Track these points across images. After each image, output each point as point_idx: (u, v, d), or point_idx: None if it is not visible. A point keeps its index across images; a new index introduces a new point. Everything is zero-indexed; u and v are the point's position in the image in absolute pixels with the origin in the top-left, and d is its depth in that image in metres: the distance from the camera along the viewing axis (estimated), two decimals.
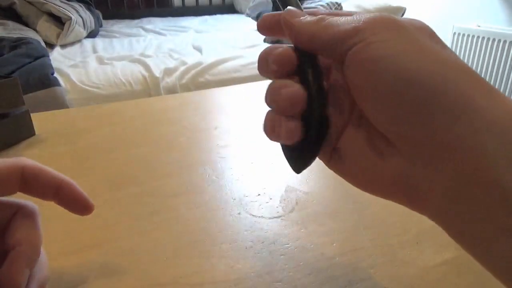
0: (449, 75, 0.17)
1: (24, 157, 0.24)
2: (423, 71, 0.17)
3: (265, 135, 0.23)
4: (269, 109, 0.23)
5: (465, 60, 1.79)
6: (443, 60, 0.17)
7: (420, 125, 0.17)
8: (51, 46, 1.81)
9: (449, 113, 0.16)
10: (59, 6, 1.87)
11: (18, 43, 1.49)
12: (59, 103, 1.22)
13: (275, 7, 0.24)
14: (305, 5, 1.90)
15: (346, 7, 1.83)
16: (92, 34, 2.11)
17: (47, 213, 0.28)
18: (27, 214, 0.24)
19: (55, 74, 1.33)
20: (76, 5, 2.07)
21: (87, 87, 1.34)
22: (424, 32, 0.19)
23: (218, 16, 2.84)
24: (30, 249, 0.22)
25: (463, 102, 0.16)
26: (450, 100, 0.16)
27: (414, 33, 0.18)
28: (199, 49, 1.76)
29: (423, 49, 0.18)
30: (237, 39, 1.97)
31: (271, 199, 0.37)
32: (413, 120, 0.17)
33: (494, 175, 0.15)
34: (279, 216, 0.35)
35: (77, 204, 0.25)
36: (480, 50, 1.71)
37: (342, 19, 0.20)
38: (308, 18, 0.21)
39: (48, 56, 1.48)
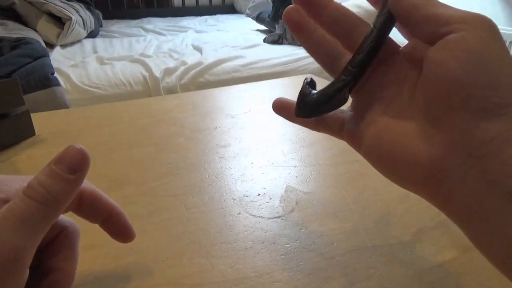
0: None
1: (85, 181, 0.24)
2: (510, 77, 0.18)
3: (265, 135, 0.23)
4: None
5: None
6: None
7: (483, 120, 0.17)
8: (51, 46, 1.81)
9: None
10: (59, 6, 1.87)
11: (18, 43, 1.49)
12: (59, 103, 1.22)
13: (275, 7, 0.25)
14: None
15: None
16: (92, 34, 2.11)
17: None
18: (69, 236, 0.24)
19: (55, 74, 1.33)
20: (76, 5, 2.07)
21: (87, 87, 1.34)
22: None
23: (218, 16, 2.85)
24: (66, 279, 0.23)
25: None
26: None
27: (499, 36, 0.19)
28: (199, 49, 1.76)
29: (507, 55, 0.18)
30: (237, 39, 1.97)
31: (271, 199, 0.37)
32: (479, 115, 0.17)
33: None
34: (279, 216, 0.35)
35: (122, 233, 0.26)
36: None
37: (447, 5, 0.20)
38: None
39: (48, 56, 1.48)
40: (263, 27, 2.24)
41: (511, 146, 0.17)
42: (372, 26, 0.23)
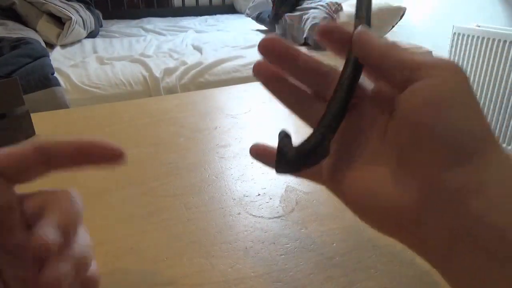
0: (491, 134, 0.18)
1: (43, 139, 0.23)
2: (477, 124, 0.18)
3: (265, 135, 0.23)
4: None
5: (465, 61, 1.79)
6: (483, 114, 0.19)
7: (452, 168, 0.17)
8: (51, 46, 1.81)
9: (480, 164, 0.17)
10: (59, 6, 1.87)
11: (18, 43, 1.49)
12: (59, 103, 1.22)
13: (275, 7, 0.25)
14: (304, 5, 1.90)
15: (346, 7, 1.82)
16: (92, 34, 2.11)
17: None
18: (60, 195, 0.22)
19: (55, 74, 1.33)
20: (76, 5, 2.07)
21: (87, 87, 1.33)
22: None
23: (218, 16, 2.84)
24: (62, 216, 0.20)
25: (494, 160, 0.18)
26: (487, 155, 0.18)
27: (468, 81, 0.19)
28: (199, 49, 1.76)
29: (475, 100, 0.19)
30: (237, 39, 1.97)
31: (271, 199, 0.37)
32: (448, 163, 0.18)
33: (500, 222, 0.16)
34: (279, 216, 0.35)
35: (107, 153, 0.23)
36: (480, 50, 1.71)
37: (415, 51, 0.21)
38: (382, 38, 0.22)
39: (48, 56, 1.48)
40: (263, 27, 2.24)
41: (479, 195, 0.17)
42: (341, 74, 0.23)
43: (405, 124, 0.19)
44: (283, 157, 0.24)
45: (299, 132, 0.25)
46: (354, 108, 0.24)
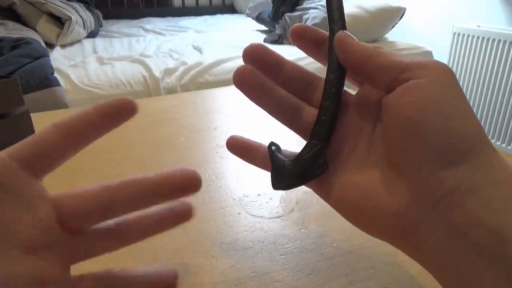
0: (482, 134, 0.18)
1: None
2: (469, 123, 0.18)
3: (265, 135, 0.23)
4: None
5: (465, 60, 1.79)
6: (474, 114, 0.19)
7: (443, 169, 0.17)
8: (51, 46, 1.81)
9: (473, 165, 0.17)
10: (59, 6, 1.87)
11: (18, 43, 1.49)
12: (59, 103, 1.22)
13: (275, 7, 0.25)
14: (304, 5, 1.90)
15: (346, 7, 1.82)
16: (92, 34, 2.11)
17: None
18: None
19: (55, 74, 1.33)
20: (76, 5, 2.06)
21: (87, 87, 1.33)
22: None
23: (218, 16, 2.84)
24: None
25: (486, 160, 0.17)
26: (479, 155, 0.17)
27: (457, 82, 0.19)
28: (199, 49, 1.76)
29: (465, 100, 0.18)
30: (237, 39, 1.97)
31: (271, 199, 0.37)
32: (439, 163, 0.17)
33: (495, 222, 0.16)
34: (279, 216, 0.35)
35: (123, 108, 0.23)
36: (480, 50, 1.71)
37: (399, 53, 0.21)
38: (363, 42, 0.21)
39: (48, 56, 1.48)
40: (263, 27, 2.23)
41: (472, 196, 0.17)
42: (327, 81, 0.23)
43: (394, 125, 0.19)
44: (280, 173, 0.23)
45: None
46: (342, 114, 0.23)
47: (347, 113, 0.23)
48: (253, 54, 0.24)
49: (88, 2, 2.27)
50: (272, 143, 0.25)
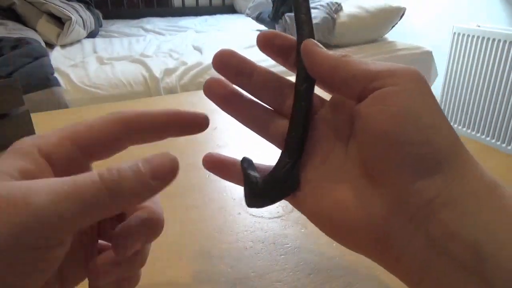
0: (457, 142, 0.18)
1: (121, 110, 0.22)
2: (443, 132, 0.17)
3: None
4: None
5: (465, 61, 1.79)
6: (448, 122, 0.18)
7: (418, 180, 0.17)
8: (51, 46, 1.81)
9: (448, 175, 0.17)
10: (59, 6, 1.87)
11: (18, 43, 1.49)
12: (59, 103, 1.22)
13: (275, 7, 0.24)
14: None
15: (346, 7, 1.82)
16: (92, 34, 2.11)
17: None
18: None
19: (55, 74, 1.33)
20: (76, 5, 2.06)
21: (87, 87, 1.33)
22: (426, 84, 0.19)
23: (218, 16, 2.84)
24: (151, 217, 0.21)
25: (461, 169, 0.17)
26: (454, 165, 0.17)
27: (428, 88, 0.18)
28: (199, 49, 1.76)
29: (438, 108, 0.18)
30: (237, 39, 1.97)
31: None
32: (414, 175, 0.17)
33: (472, 236, 0.16)
34: (279, 216, 0.35)
35: (191, 121, 0.23)
36: (480, 50, 1.71)
37: (368, 60, 0.20)
38: (331, 51, 0.21)
39: (48, 56, 1.48)
40: (263, 27, 2.23)
41: (448, 208, 0.16)
42: (296, 92, 0.22)
43: (367, 136, 0.18)
44: (253, 192, 0.22)
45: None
46: (315, 123, 0.23)
47: (320, 122, 0.23)
48: (221, 61, 0.23)
49: (88, 2, 2.27)
50: (244, 159, 0.24)
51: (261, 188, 0.22)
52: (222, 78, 0.24)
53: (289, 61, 0.23)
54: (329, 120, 0.22)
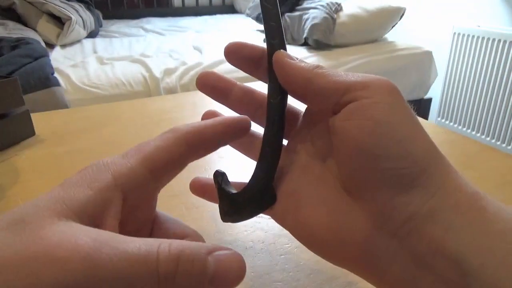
0: (435, 153, 0.17)
1: (175, 127, 0.21)
2: (419, 143, 0.17)
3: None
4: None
5: (465, 61, 1.79)
6: (425, 132, 0.18)
7: (398, 194, 0.17)
8: (51, 46, 1.81)
9: (428, 188, 0.16)
10: (59, 6, 1.87)
11: (18, 43, 1.49)
12: (59, 103, 1.22)
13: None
14: (304, 5, 1.90)
15: (346, 7, 1.82)
16: (92, 34, 2.11)
17: None
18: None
19: (55, 74, 1.33)
20: (76, 5, 2.07)
21: (87, 87, 1.34)
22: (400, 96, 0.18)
23: (218, 16, 2.84)
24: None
25: (441, 181, 0.17)
26: (433, 178, 0.17)
27: (403, 99, 0.18)
28: (199, 49, 1.76)
29: (414, 119, 0.18)
30: (237, 39, 1.97)
31: None
32: (393, 189, 0.17)
33: (455, 251, 0.15)
34: None
35: (237, 128, 0.22)
36: (480, 50, 1.71)
37: (341, 72, 0.19)
38: (303, 63, 0.20)
39: (48, 56, 1.48)
40: (263, 27, 2.24)
41: (431, 222, 0.16)
42: (269, 109, 0.21)
43: (343, 151, 0.18)
44: (227, 207, 0.22)
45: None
46: (291, 136, 0.22)
47: (297, 135, 0.22)
48: (203, 83, 0.25)
49: (88, 2, 2.27)
50: (217, 173, 0.23)
51: (235, 205, 0.22)
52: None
53: (260, 71, 0.23)
54: (306, 132, 0.22)
